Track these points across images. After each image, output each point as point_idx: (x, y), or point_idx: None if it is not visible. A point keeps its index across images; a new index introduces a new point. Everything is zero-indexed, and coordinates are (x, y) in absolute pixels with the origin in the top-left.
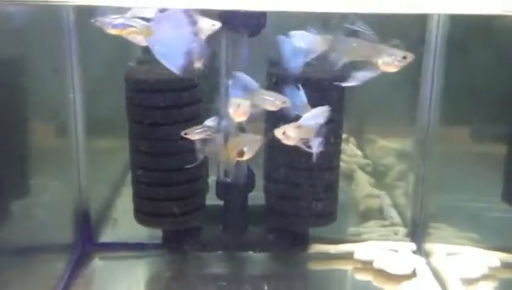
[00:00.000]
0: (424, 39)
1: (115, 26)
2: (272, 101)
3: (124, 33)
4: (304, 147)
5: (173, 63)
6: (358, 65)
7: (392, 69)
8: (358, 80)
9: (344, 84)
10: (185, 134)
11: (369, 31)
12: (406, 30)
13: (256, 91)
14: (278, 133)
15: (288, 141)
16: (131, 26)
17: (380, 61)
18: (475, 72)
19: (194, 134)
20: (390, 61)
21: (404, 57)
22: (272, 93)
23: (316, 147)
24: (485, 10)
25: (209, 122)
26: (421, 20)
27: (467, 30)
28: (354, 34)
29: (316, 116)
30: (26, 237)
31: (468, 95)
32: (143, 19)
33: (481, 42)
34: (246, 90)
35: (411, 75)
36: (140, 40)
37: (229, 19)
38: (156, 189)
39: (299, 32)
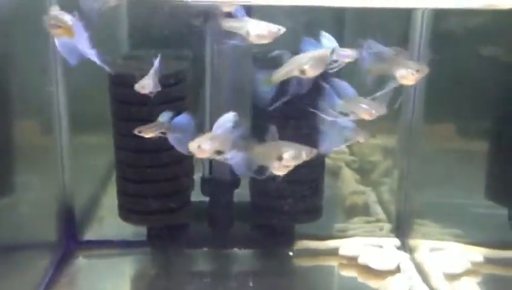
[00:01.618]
0: (408, 35)
1: (50, 26)
2: (367, 109)
3: (56, 33)
4: (222, 159)
5: (101, 59)
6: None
7: (409, 82)
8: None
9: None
10: (139, 132)
11: (385, 47)
12: (390, 26)
13: (353, 98)
14: (193, 147)
15: (202, 155)
16: (60, 26)
17: (397, 75)
18: (459, 69)
19: (148, 131)
20: (406, 74)
21: (417, 70)
22: (367, 101)
23: (232, 158)
24: (469, 4)
25: (162, 118)
26: (405, 16)
27: (451, 26)
28: None
29: (224, 123)
30: (8, 234)
31: (452, 93)
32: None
33: (465, 38)
34: (343, 96)
35: None
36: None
37: (212, 17)
38: (141, 186)
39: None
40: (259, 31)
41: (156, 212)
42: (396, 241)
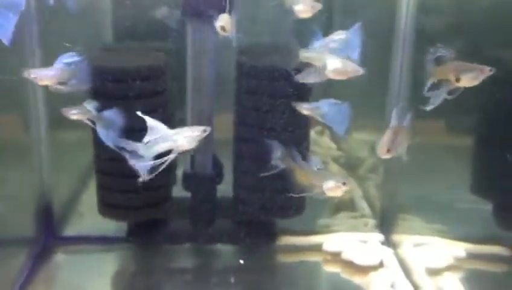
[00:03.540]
0: (393, 31)
1: None
2: None
3: None
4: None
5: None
6: None
7: (474, 83)
8: (439, 100)
9: (428, 108)
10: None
11: (448, 52)
12: (375, 21)
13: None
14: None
15: (41, 82)
16: None
17: (463, 78)
18: None
19: (70, 114)
20: (473, 76)
21: (483, 72)
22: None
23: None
24: None
25: (88, 104)
26: (390, 10)
27: (436, 20)
28: None
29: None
30: None
31: None
32: None
33: (450, 33)
34: (404, 119)
35: (382, 68)
36: None
37: (193, 3)
38: (121, 181)
39: None
40: (337, 66)
41: (136, 208)
42: (381, 237)
